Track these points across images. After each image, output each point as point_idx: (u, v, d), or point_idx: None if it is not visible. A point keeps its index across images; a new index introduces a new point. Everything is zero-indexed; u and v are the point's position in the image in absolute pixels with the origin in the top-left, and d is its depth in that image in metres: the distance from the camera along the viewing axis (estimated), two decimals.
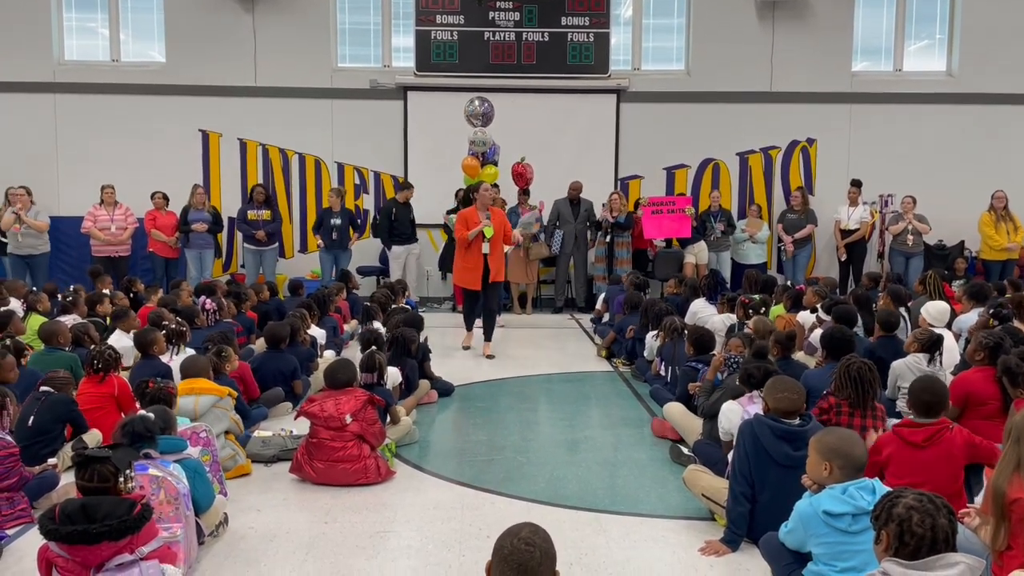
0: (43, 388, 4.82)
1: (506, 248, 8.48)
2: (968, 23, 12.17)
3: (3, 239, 10.82)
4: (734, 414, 4.39)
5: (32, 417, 4.69)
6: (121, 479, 3.05)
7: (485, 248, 8.15)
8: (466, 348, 8.66)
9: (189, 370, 5.03)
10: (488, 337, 8.49)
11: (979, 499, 3.77)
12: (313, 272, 11.65)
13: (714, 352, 5.90)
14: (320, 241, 11.28)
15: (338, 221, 11.15)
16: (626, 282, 9.29)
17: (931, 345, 5.48)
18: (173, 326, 6.14)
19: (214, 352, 5.55)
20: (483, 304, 8.45)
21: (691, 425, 5.24)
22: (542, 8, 11.79)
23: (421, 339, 6.79)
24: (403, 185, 11.54)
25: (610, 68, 12.03)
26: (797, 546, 3.25)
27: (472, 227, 8.12)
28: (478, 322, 8.64)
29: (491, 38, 11.85)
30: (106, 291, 8.42)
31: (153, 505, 3.27)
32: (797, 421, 3.79)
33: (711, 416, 5.05)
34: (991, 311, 6.59)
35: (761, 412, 3.98)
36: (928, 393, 3.89)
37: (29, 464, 4.43)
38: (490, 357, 8.29)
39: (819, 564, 3.13)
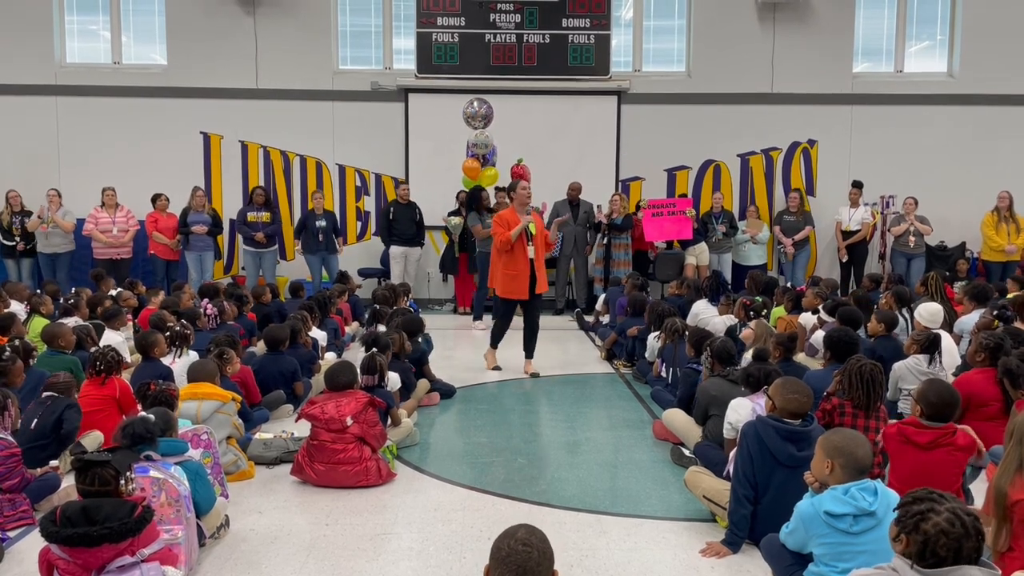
0: (47, 393, 4.81)
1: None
2: (969, 24, 12.17)
3: (6, 242, 10.89)
4: (743, 408, 4.40)
5: (36, 420, 4.68)
6: (122, 481, 3.05)
7: (531, 252, 7.42)
8: (496, 368, 7.74)
9: (196, 375, 5.03)
10: (531, 354, 7.80)
11: (979, 502, 3.78)
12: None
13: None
14: (298, 245, 11.26)
15: (323, 223, 11.16)
16: (627, 284, 9.29)
17: (929, 345, 5.48)
18: (177, 328, 6.15)
19: (216, 354, 5.56)
20: (526, 319, 7.73)
21: (692, 431, 5.25)
22: (543, 10, 11.81)
23: (420, 341, 6.78)
24: (398, 183, 11.57)
25: (611, 70, 12.03)
26: (798, 547, 3.25)
27: (514, 228, 7.37)
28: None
29: (492, 40, 11.86)
30: (114, 292, 8.47)
31: (154, 507, 3.27)
32: (799, 422, 3.79)
33: (701, 421, 5.09)
34: (994, 312, 6.59)
35: (765, 409, 3.99)
36: (941, 400, 3.84)
37: (31, 468, 4.43)
38: (534, 375, 7.62)
39: (820, 565, 3.13)
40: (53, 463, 4.59)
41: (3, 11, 11.82)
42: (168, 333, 6.06)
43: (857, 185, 11.54)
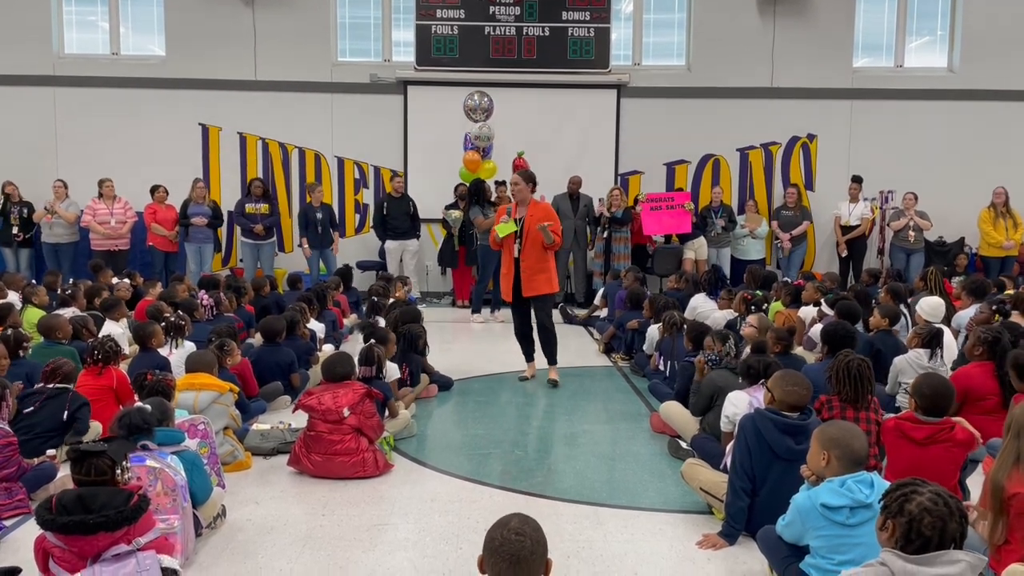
0: (61, 385, 4.79)
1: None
2: (969, 19, 12.15)
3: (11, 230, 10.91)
4: (740, 401, 4.40)
5: (46, 411, 4.67)
6: (118, 471, 3.04)
7: (516, 251, 6.89)
8: (523, 379, 7.22)
9: (194, 365, 5.03)
10: (550, 360, 7.18)
11: (976, 496, 3.78)
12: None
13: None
14: (304, 242, 11.26)
15: (320, 216, 11.14)
16: (628, 278, 9.28)
17: (931, 339, 5.47)
18: (173, 319, 6.15)
19: (216, 345, 5.55)
20: (536, 322, 7.17)
21: (689, 424, 5.25)
22: (543, 3, 11.76)
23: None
24: (394, 175, 11.56)
25: (610, 63, 11.99)
26: (795, 539, 3.25)
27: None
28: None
29: (491, 32, 11.82)
30: (115, 280, 8.48)
31: (150, 496, 3.27)
32: (797, 415, 3.79)
33: (701, 414, 5.09)
34: (994, 307, 6.59)
35: (763, 402, 3.98)
36: (935, 392, 3.85)
37: (31, 457, 4.42)
38: (553, 383, 7.01)
39: (816, 557, 3.13)
40: (50, 452, 4.58)
41: (2, 1, 11.77)
42: (164, 324, 6.05)
43: (857, 180, 11.52)
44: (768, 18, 12.06)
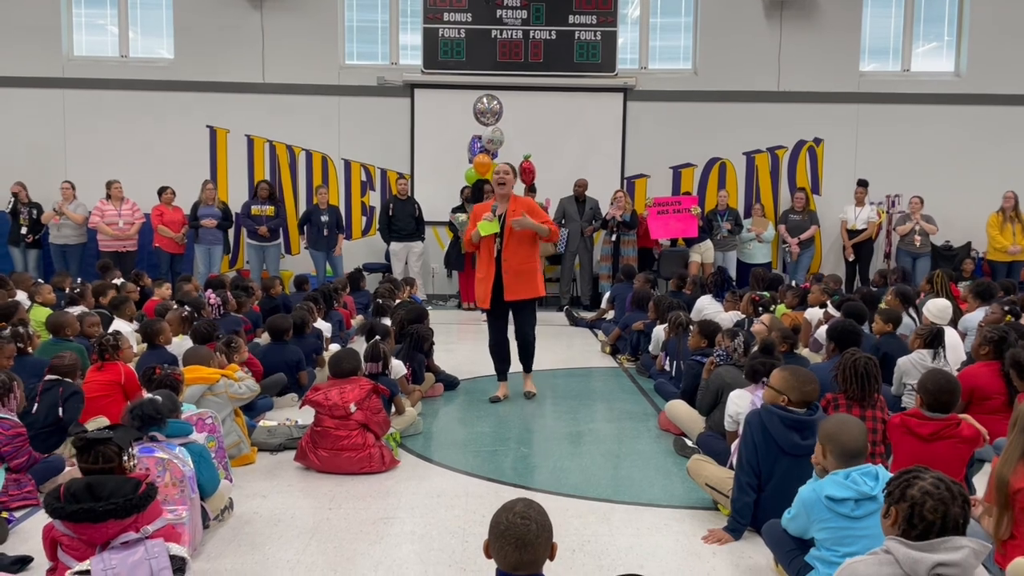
0: (51, 377, 4.81)
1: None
2: (976, 24, 12.14)
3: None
4: (742, 400, 4.40)
5: (40, 406, 4.69)
6: (124, 458, 3.06)
7: (496, 250, 6.18)
8: (495, 400, 6.50)
9: (187, 360, 5.06)
10: (526, 368, 6.69)
11: (982, 492, 3.78)
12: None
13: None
14: (304, 240, 11.29)
15: (326, 218, 11.19)
16: (639, 280, 9.29)
17: (932, 339, 5.47)
18: (184, 314, 6.26)
19: (224, 342, 5.59)
20: (515, 329, 6.54)
21: (695, 422, 5.25)
22: (550, 6, 11.80)
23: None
24: (397, 178, 11.62)
25: (617, 67, 12.02)
26: (800, 532, 3.25)
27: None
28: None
29: (499, 36, 11.87)
30: (117, 281, 8.52)
31: (159, 487, 3.28)
32: (804, 411, 3.79)
33: (707, 411, 5.09)
34: (1006, 308, 6.59)
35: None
36: (939, 388, 3.86)
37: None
38: (529, 395, 6.61)
39: (822, 550, 3.13)
40: (59, 452, 4.60)
41: (11, 4, 11.86)
42: (183, 312, 6.17)
43: (863, 184, 11.52)
44: (775, 22, 12.08)
